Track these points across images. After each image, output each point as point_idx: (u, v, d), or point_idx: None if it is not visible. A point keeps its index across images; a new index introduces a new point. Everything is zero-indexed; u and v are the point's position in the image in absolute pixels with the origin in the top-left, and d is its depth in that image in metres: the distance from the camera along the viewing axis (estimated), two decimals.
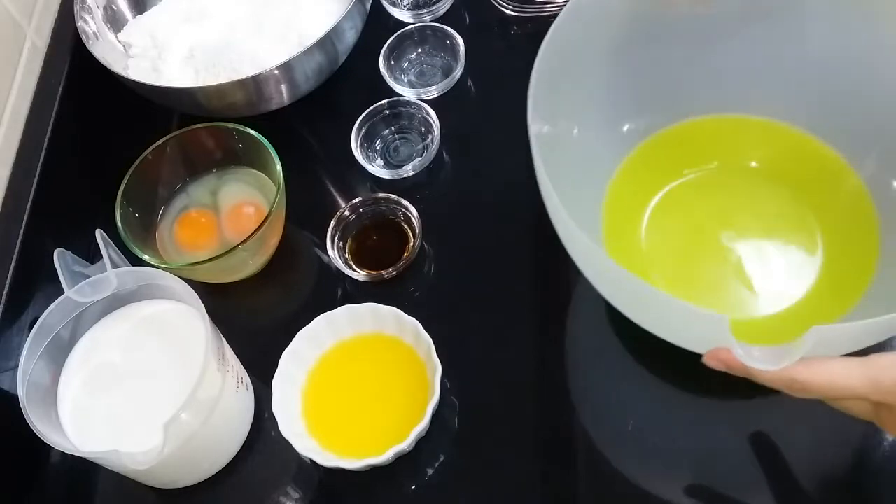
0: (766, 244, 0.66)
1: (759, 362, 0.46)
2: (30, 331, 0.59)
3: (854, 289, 0.61)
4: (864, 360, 0.41)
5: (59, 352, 0.62)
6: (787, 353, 0.46)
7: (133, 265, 0.62)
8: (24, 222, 0.67)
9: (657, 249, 0.66)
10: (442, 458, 0.63)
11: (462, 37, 0.79)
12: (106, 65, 0.73)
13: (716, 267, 0.65)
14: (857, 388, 0.41)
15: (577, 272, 0.69)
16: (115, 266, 0.61)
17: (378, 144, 0.76)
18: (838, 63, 0.64)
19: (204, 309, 0.59)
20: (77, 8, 0.75)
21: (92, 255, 0.62)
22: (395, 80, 0.78)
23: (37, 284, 0.67)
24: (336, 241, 0.71)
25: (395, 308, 0.63)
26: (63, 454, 0.56)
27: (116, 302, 0.63)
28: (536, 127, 0.55)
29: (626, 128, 0.69)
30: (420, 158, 0.74)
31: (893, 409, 0.43)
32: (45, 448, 0.57)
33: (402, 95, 0.77)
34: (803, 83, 0.66)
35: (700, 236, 0.66)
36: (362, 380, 0.64)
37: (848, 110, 0.65)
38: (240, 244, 0.65)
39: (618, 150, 0.68)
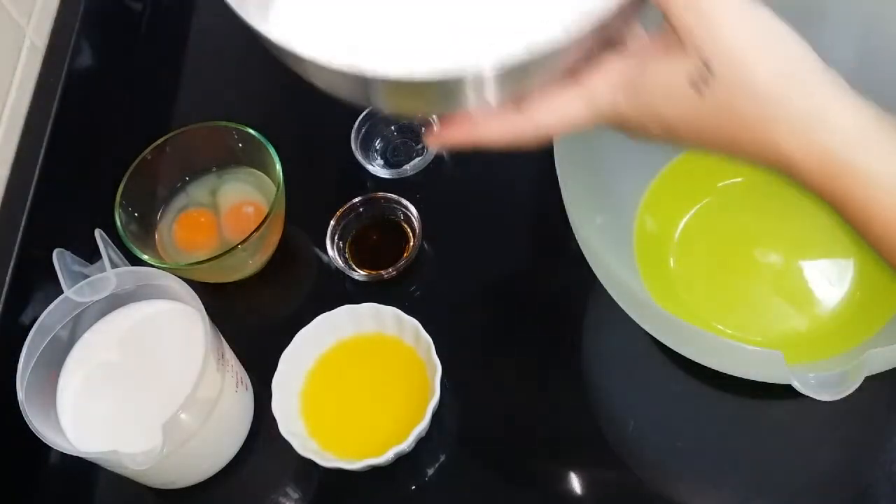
0: (800, 256, 0.65)
1: (817, 391, 0.47)
2: (29, 331, 0.59)
3: (891, 296, 0.61)
4: (579, 83, 0.40)
5: (58, 352, 0.61)
6: (844, 381, 0.47)
7: (132, 265, 0.62)
8: (23, 222, 0.67)
9: (691, 270, 0.66)
10: (442, 458, 0.63)
11: None
12: None
13: (751, 284, 0.65)
14: (584, 117, 0.41)
15: (577, 271, 0.69)
16: (114, 266, 0.61)
17: (378, 144, 0.76)
18: (864, 70, 0.64)
19: (203, 309, 0.58)
20: None
21: (91, 255, 0.62)
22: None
23: (36, 284, 0.67)
24: (336, 240, 0.71)
25: (395, 308, 0.63)
26: (62, 454, 0.56)
27: (115, 302, 0.63)
28: (563, 168, 0.55)
29: (649, 153, 0.68)
30: (420, 158, 0.74)
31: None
32: (44, 448, 0.57)
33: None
34: None
35: (732, 254, 0.66)
36: (362, 380, 0.64)
37: None
38: (239, 244, 0.64)
39: (643, 177, 0.68)
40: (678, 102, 0.39)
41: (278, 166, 0.67)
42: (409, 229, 0.71)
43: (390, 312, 0.63)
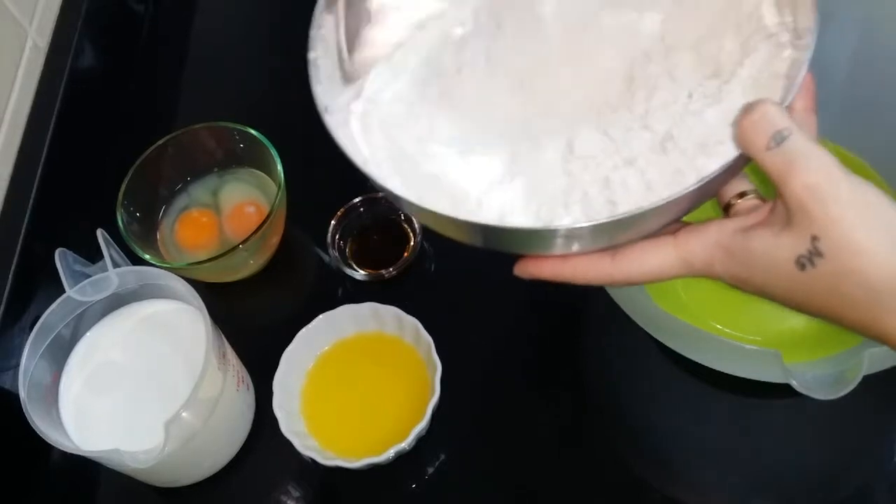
0: None
1: (815, 391, 0.48)
2: (31, 330, 0.59)
3: None
4: (675, 242, 0.40)
5: (61, 351, 0.62)
6: (843, 380, 0.47)
7: (134, 264, 0.62)
8: (25, 222, 0.67)
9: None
10: (442, 457, 0.63)
11: None
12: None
13: None
14: (673, 273, 0.41)
15: None
16: (116, 265, 0.61)
17: None
18: (864, 70, 0.64)
19: (205, 308, 0.59)
20: None
21: (93, 255, 0.62)
22: None
23: (38, 284, 0.67)
24: (336, 240, 0.71)
25: (395, 307, 0.63)
26: (64, 453, 0.56)
27: (117, 301, 0.64)
28: None
29: None
30: None
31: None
32: (46, 447, 0.57)
33: None
34: (824, 91, 0.66)
35: None
36: (362, 379, 0.64)
37: (872, 117, 0.65)
38: (241, 244, 0.65)
39: None
40: (779, 275, 0.38)
41: (279, 166, 0.67)
42: (409, 229, 0.71)
43: (390, 312, 0.64)
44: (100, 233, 0.61)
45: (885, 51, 0.63)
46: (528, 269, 0.43)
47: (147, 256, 0.65)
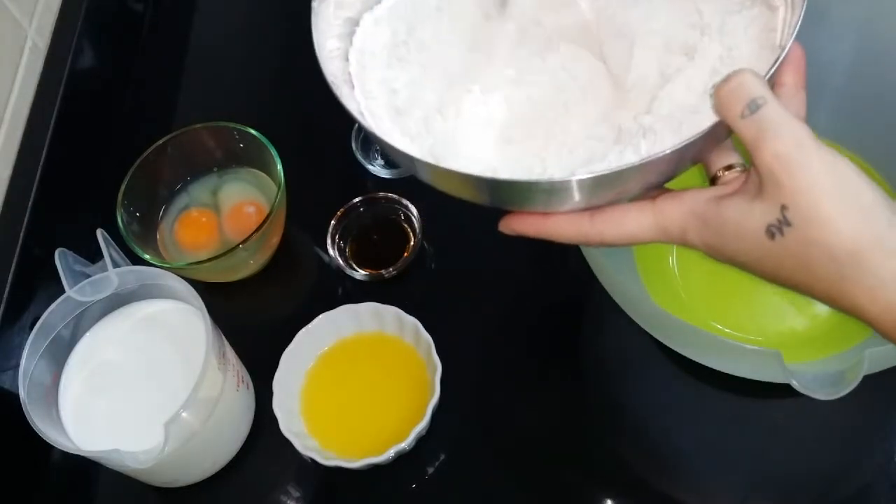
0: None
1: (815, 391, 0.48)
2: (31, 330, 0.59)
3: None
4: (653, 207, 0.41)
5: (61, 351, 0.62)
6: (843, 380, 0.48)
7: (134, 264, 0.62)
8: (25, 222, 0.67)
9: (691, 270, 0.66)
10: (442, 456, 0.63)
11: None
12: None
13: (750, 283, 0.63)
14: (649, 238, 0.42)
15: (577, 271, 0.69)
16: (116, 265, 0.61)
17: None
18: (862, 69, 0.64)
19: (205, 308, 0.59)
20: None
21: (93, 255, 0.62)
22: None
23: (38, 284, 0.67)
24: (336, 240, 0.71)
25: (395, 307, 0.63)
26: (64, 453, 0.56)
27: (117, 301, 0.64)
28: None
29: None
30: None
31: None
32: (46, 447, 0.57)
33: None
34: (824, 90, 0.66)
35: None
36: (362, 379, 0.64)
37: (871, 116, 0.65)
38: (240, 244, 0.65)
39: None
40: (750, 244, 0.39)
41: (279, 166, 0.67)
42: (409, 229, 0.71)
43: (390, 312, 0.64)
44: (100, 233, 0.61)
45: (885, 50, 0.63)
46: (512, 225, 0.45)
47: (147, 256, 0.65)
